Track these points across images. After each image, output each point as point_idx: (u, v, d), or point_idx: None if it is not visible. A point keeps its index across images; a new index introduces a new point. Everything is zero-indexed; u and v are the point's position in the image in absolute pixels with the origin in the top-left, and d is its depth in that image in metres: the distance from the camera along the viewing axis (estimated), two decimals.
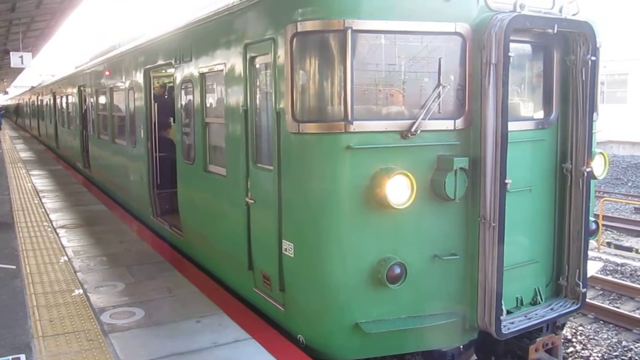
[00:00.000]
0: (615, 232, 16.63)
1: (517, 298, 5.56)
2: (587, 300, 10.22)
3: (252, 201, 5.78)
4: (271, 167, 5.37)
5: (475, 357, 6.12)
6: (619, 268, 12.18)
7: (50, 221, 10.42)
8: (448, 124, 5.01)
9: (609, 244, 15.05)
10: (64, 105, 19.98)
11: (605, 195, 20.88)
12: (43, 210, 11.54)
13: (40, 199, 12.81)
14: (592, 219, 6.12)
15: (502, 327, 5.07)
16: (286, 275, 5.29)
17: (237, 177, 6.05)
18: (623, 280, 11.51)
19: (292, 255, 5.13)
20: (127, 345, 5.09)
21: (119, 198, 12.37)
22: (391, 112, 5.11)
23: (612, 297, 10.74)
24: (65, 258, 7.93)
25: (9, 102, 71.21)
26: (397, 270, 4.86)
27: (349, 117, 4.69)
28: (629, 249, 14.53)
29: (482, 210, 5.01)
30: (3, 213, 11.23)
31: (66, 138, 20.26)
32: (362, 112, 4.85)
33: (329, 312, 5.01)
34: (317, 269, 4.99)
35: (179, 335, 5.30)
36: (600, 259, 12.67)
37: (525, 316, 5.45)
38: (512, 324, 5.26)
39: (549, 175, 5.73)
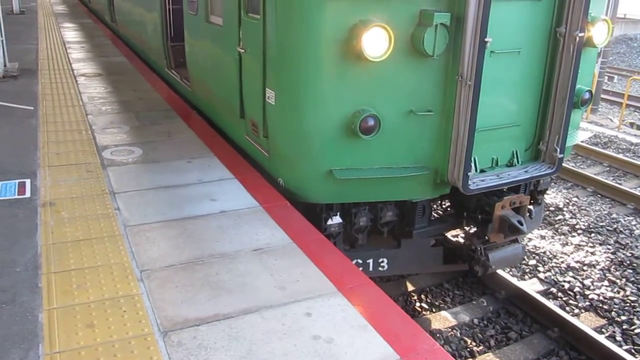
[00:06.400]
0: None
1: (492, 158, 5.74)
2: (588, 174, 10.45)
3: (242, 50, 5.92)
4: (258, 16, 5.44)
5: (453, 211, 6.51)
6: (632, 147, 12.12)
7: (72, 70, 10.81)
8: None
9: (631, 125, 14.81)
10: None
11: None
12: (67, 59, 11.90)
13: (66, 50, 13.15)
14: (586, 88, 6.08)
15: (469, 183, 5.31)
16: (269, 122, 5.56)
17: (231, 26, 6.15)
18: (634, 159, 11.50)
19: (274, 103, 5.36)
20: (121, 177, 5.57)
21: (139, 51, 12.60)
22: None
23: (617, 174, 10.83)
24: (80, 102, 8.36)
25: None
26: (371, 122, 5.04)
27: None
28: None
29: (461, 68, 5.06)
30: (29, 60, 11.65)
31: None
32: None
33: (305, 158, 5.31)
34: (295, 117, 5.23)
35: (168, 172, 5.75)
36: (617, 137, 12.58)
37: (498, 175, 5.65)
38: (482, 182, 5.49)
39: (542, 39, 5.60)
